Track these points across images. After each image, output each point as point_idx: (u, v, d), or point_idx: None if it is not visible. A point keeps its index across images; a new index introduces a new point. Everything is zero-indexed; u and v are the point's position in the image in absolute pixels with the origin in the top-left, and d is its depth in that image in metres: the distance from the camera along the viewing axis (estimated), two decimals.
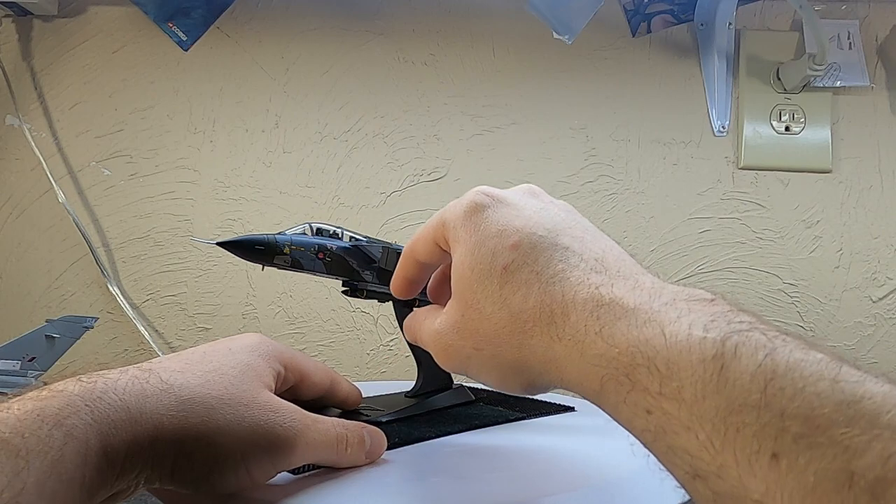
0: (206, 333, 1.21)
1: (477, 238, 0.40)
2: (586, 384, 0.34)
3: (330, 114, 1.23)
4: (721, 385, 0.28)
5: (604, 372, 0.33)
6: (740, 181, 1.21)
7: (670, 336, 0.30)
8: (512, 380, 0.40)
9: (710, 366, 0.28)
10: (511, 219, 0.40)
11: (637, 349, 0.31)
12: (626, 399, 0.32)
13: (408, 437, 0.53)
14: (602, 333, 0.33)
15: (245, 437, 0.38)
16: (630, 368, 0.31)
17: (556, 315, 0.36)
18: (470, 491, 0.43)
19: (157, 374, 0.37)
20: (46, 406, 0.32)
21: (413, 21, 1.24)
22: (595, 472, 0.47)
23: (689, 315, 0.31)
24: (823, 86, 1.18)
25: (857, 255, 1.19)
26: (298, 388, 0.48)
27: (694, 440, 0.28)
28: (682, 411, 0.29)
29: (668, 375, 0.30)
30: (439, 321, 0.42)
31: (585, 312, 0.34)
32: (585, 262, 0.37)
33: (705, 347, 0.29)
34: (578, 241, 0.39)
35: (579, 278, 0.36)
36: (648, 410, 0.30)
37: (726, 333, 0.29)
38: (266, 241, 0.55)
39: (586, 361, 0.34)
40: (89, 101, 1.24)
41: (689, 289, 0.34)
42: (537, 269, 0.37)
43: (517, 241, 0.39)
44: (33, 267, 1.22)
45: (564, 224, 0.40)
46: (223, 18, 1.24)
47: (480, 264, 0.39)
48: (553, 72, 1.23)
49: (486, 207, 0.41)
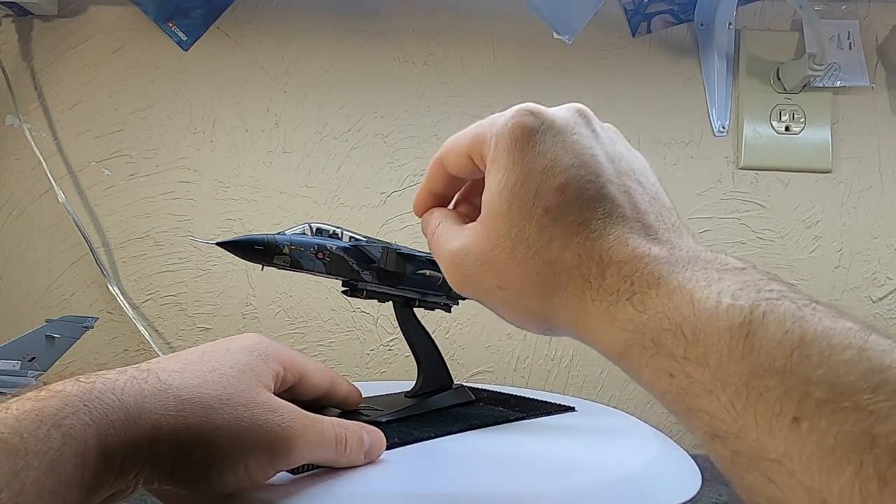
0: (206, 333, 1.21)
1: (520, 171, 0.38)
2: (611, 346, 0.34)
3: (330, 114, 1.23)
4: (746, 351, 0.28)
5: (630, 336, 0.33)
6: (740, 181, 1.21)
7: (698, 303, 0.31)
8: (531, 323, 0.40)
9: (736, 332, 0.29)
10: (560, 154, 0.38)
11: (665, 316, 0.31)
12: (650, 363, 0.32)
13: (407, 437, 0.53)
14: (633, 300, 0.33)
15: (244, 437, 0.37)
16: (656, 333, 0.32)
17: (591, 274, 0.35)
18: (468, 491, 0.43)
19: (156, 375, 0.37)
20: (45, 406, 0.32)
21: (413, 21, 1.24)
22: (595, 472, 0.47)
23: (720, 283, 0.31)
24: (823, 86, 1.18)
25: (857, 255, 1.19)
26: (298, 388, 0.48)
27: (715, 402, 0.29)
28: (705, 375, 0.29)
29: (693, 341, 0.30)
30: (461, 243, 0.41)
31: (620, 276, 0.34)
32: (627, 221, 0.37)
33: (733, 315, 0.29)
34: (624, 193, 0.38)
35: (619, 237, 0.36)
36: (671, 374, 0.31)
37: (755, 301, 0.29)
38: (265, 241, 0.55)
39: (615, 325, 0.34)
40: (89, 101, 1.24)
41: (721, 256, 0.34)
42: (579, 220, 0.37)
43: (563, 184, 0.37)
44: (33, 267, 1.22)
45: (613, 168, 0.39)
46: (223, 18, 1.24)
47: (520, 201, 0.38)
48: (553, 72, 1.23)
49: (534, 133, 0.39)
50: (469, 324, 1.20)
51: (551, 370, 1.20)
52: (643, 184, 0.40)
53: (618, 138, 0.42)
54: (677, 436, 1.17)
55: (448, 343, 1.19)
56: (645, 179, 0.40)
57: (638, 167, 0.41)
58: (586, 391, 1.19)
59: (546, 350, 1.20)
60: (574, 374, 1.20)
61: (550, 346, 1.20)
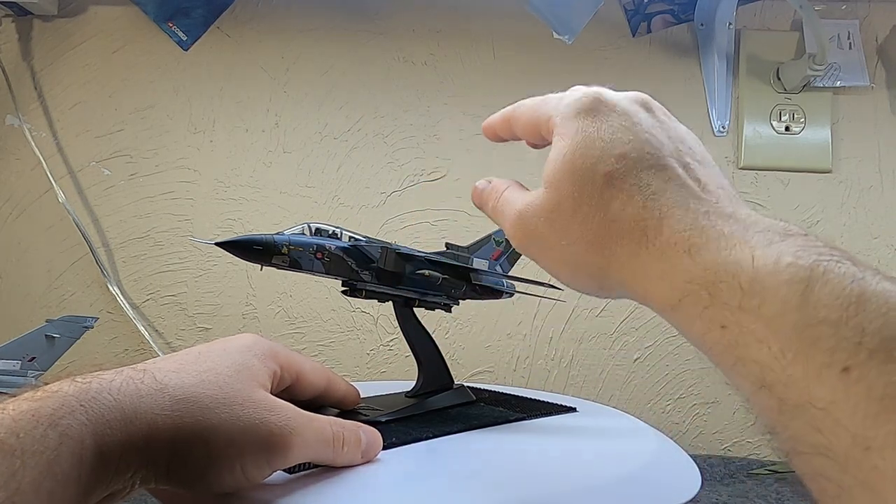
0: (206, 333, 1.21)
1: (583, 138, 0.40)
2: (665, 297, 0.35)
3: (330, 114, 1.23)
4: (803, 303, 0.28)
5: (685, 286, 0.34)
6: (740, 181, 1.21)
7: (758, 258, 0.31)
8: (584, 279, 0.41)
9: (795, 287, 0.29)
10: (620, 130, 0.40)
11: (723, 268, 0.32)
12: (703, 314, 0.33)
13: (405, 438, 0.53)
14: (691, 252, 0.34)
15: (240, 437, 0.37)
16: (712, 285, 0.32)
17: (649, 229, 0.36)
18: (465, 491, 0.43)
19: (152, 375, 0.37)
20: (41, 406, 0.32)
21: (413, 21, 1.24)
22: (595, 472, 0.47)
23: (781, 243, 0.32)
24: (823, 86, 1.18)
25: (857, 255, 1.18)
26: (295, 387, 0.48)
27: (766, 351, 0.29)
28: (758, 324, 0.30)
29: (749, 292, 0.30)
30: (526, 202, 0.43)
31: (678, 231, 0.35)
32: (686, 187, 0.38)
33: (793, 270, 0.30)
34: (683, 166, 0.39)
35: (678, 200, 0.37)
36: (723, 325, 0.31)
37: (815, 261, 0.30)
38: (264, 241, 0.55)
39: (671, 276, 0.35)
40: (89, 101, 1.24)
41: (782, 222, 0.34)
42: (640, 183, 0.38)
43: (624, 152, 0.39)
44: (33, 267, 1.22)
45: (672, 144, 0.41)
46: (223, 18, 1.24)
47: (583, 165, 0.40)
48: (553, 72, 1.23)
49: (598, 112, 0.41)
50: (469, 324, 1.20)
51: (551, 370, 1.20)
52: (703, 163, 0.41)
53: (679, 124, 0.44)
54: (677, 436, 1.17)
55: (448, 343, 1.19)
56: (705, 160, 0.41)
57: (699, 150, 0.42)
58: (586, 391, 1.19)
59: (546, 350, 1.20)
60: (574, 374, 1.20)
61: (550, 346, 1.20)
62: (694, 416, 1.18)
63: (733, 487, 0.97)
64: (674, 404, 1.18)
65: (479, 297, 0.69)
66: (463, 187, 1.22)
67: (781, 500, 0.91)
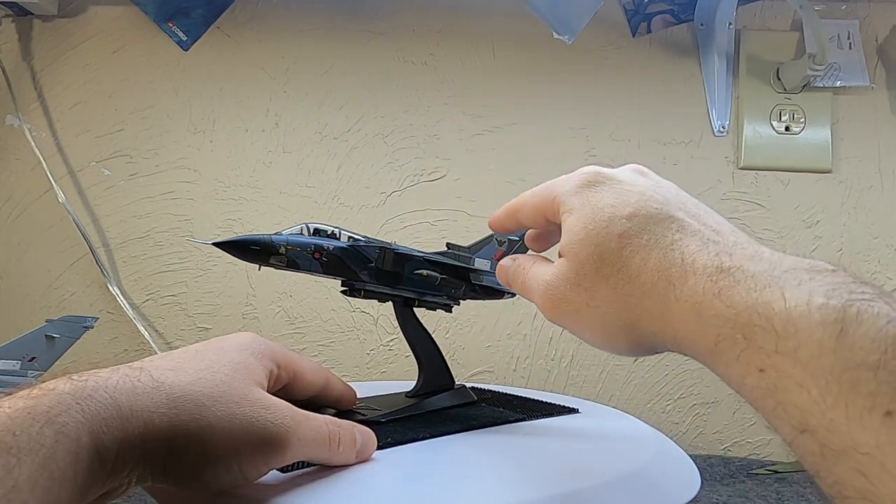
0: (206, 333, 1.21)
1: (592, 206, 0.42)
2: (701, 343, 0.35)
3: (330, 114, 1.24)
4: (839, 346, 0.28)
5: (719, 331, 0.33)
6: (740, 181, 1.21)
7: (790, 300, 0.31)
8: (620, 338, 0.42)
9: (829, 329, 0.29)
10: (625, 193, 0.42)
11: (755, 310, 0.32)
12: (740, 357, 0.32)
13: (402, 437, 0.53)
14: (720, 295, 0.34)
15: (237, 435, 0.37)
16: (747, 328, 0.32)
17: (674, 278, 0.37)
18: (461, 491, 0.43)
19: (149, 373, 0.37)
20: (37, 404, 0.32)
21: (413, 21, 1.24)
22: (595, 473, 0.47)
23: (811, 283, 0.32)
24: (823, 86, 1.18)
25: (857, 255, 1.19)
26: (292, 386, 0.48)
27: (805, 395, 0.29)
28: (796, 369, 0.30)
29: (784, 336, 0.30)
30: (552, 273, 0.44)
31: (704, 276, 0.35)
32: (702, 233, 0.39)
33: (826, 312, 0.30)
34: (692, 216, 0.40)
35: (697, 246, 0.38)
36: (761, 368, 0.31)
37: (848, 301, 0.30)
38: (262, 241, 0.55)
39: (703, 322, 0.34)
40: (89, 101, 1.24)
41: (809, 259, 0.34)
42: (655, 237, 0.39)
43: (633, 212, 0.40)
44: (33, 267, 1.23)
45: (677, 199, 0.42)
46: (223, 18, 1.24)
47: (596, 230, 0.41)
48: (553, 72, 1.23)
49: (600, 184, 0.43)
50: (469, 324, 1.20)
51: (551, 370, 1.20)
52: (709, 213, 0.42)
53: (676, 187, 0.45)
54: (677, 436, 1.17)
55: (448, 343, 1.19)
56: (710, 212, 0.43)
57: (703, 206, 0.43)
58: (586, 391, 1.19)
59: (546, 350, 1.20)
60: (574, 374, 1.20)
61: (550, 346, 1.20)
62: (694, 416, 1.18)
63: (733, 487, 0.97)
64: (674, 404, 1.18)
65: (479, 297, 0.69)
66: (463, 187, 1.22)
67: (781, 500, 0.91)
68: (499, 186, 1.21)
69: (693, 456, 0.56)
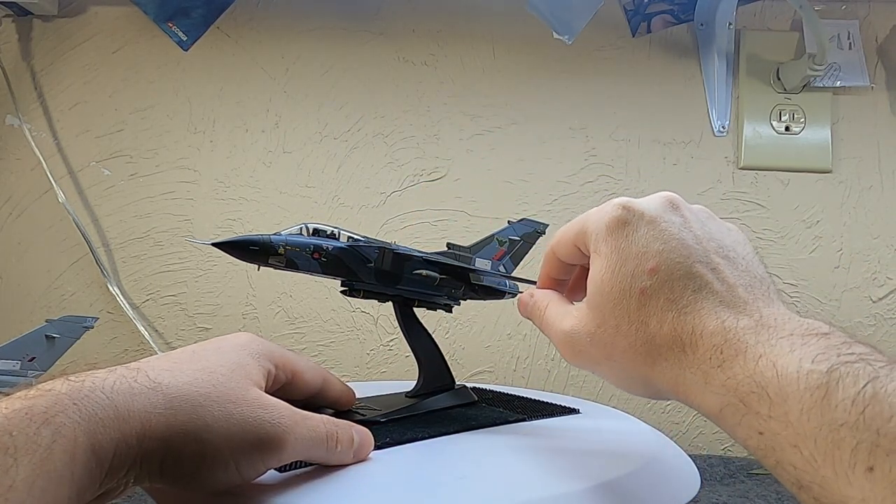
0: (206, 333, 1.21)
1: (618, 257, 0.44)
2: (708, 408, 0.38)
3: (330, 114, 1.24)
4: (824, 409, 0.31)
5: (723, 399, 0.37)
6: (740, 181, 1.21)
7: (781, 368, 0.34)
8: (638, 389, 0.45)
9: (815, 393, 0.32)
10: (651, 241, 0.43)
11: (752, 380, 0.35)
12: (741, 422, 0.36)
13: (401, 438, 0.53)
14: (723, 366, 0.37)
15: (234, 435, 0.37)
16: (745, 395, 0.35)
17: (686, 345, 0.39)
18: (459, 491, 0.43)
19: (145, 373, 0.37)
20: (34, 405, 0.32)
21: (413, 21, 1.24)
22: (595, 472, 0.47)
23: (802, 348, 0.35)
24: (823, 86, 1.18)
25: (857, 255, 1.19)
26: (290, 386, 0.48)
27: (799, 455, 0.32)
28: (788, 431, 0.33)
29: (777, 402, 0.33)
30: (571, 325, 0.46)
31: (711, 346, 0.38)
32: (716, 294, 0.41)
33: (812, 378, 0.32)
34: (712, 270, 0.42)
35: (709, 310, 0.40)
36: (760, 431, 0.34)
37: (833, 365, 0.32)
38: (261, 241, 0.55)
39: (709, 389, 0.38)
40: (89, 101, 1.24)
41: (808, 321, 0.37)
42: (673, 297, 0.41)
43: (655, 266, 0.42)
44: (33, 267, 1.23)
45: (701, 249, 0.43)
46: (223, 18, 1.24)
47: (620, 284, 0.43)
48: (553, 72, 1.23)
49: (627, 224, 0.44)
50: (469, 324, 1.20)
51: (551, 370, 1.20)
52: (733, 259, 0.43)
53: (709, 219, 0.46)
54: (677, 436, 1.17)
55: (448, 343, 1.19)
56: (735, 254, 0.44)
57: (728, 243, 0.45)
58: (586, 391, 1.19)
59: (546, 350, 1.20)
60: (574, 374, 1.20)
61: (550, 347, 1.20)
62: (694, 416, 1.18)
63: (733, 487, 0.97)
64: (674, 404, 1.18)
65: (479, 297, 0.69)
66: (463, 187, 1.22)
67: (781, 501, 0.91)
68: (499, 186, 1.21)
69: (693, 456, 0.56)
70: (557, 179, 1.22)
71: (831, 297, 1.18)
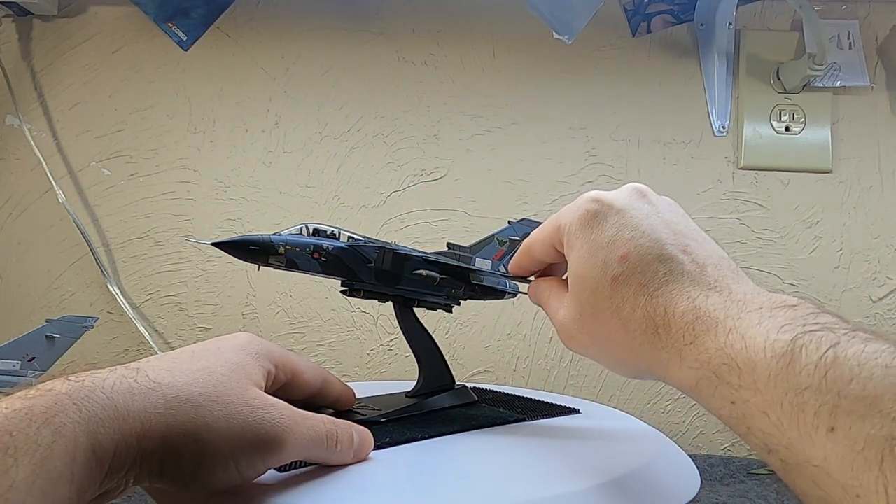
0: (206, 333, 1.21)
1: (590, 247, 0.46)
2: (685, 383, 0.40)
3: (330, 114, 1.24)
4: (788, 375, 0.33)
5: (697, 373, 0.38)
6: (740, 181, 1.21)
7: (749, 339, 0.36)
8: (624, 370, 0.47)
9: (780, 360, 0.34)
10: (621, 229, 0.45)
11: (723, 352, 0.37)
12: (715, 393, 0.37)
13: (400, 438, 0.53)
14: (696, 343, 0.39)
15: (233, 434, 0.38)
16: (717, 368, 0.37)
17: (659, 327, 0.41)
18: (460, 492, 0.43)
19: (145, 373, 0.37)
20: (34, 405, 0.32)
21: (413, 21, 1.24)
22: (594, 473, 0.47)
23: (770, 320, 0.36)
24: (823, 86, 1.18)
25: (857, 255, 1.19)
26: (290, 386, 0.48)
27: (767, 421, 0.34)
28: (757, 398, 0.34)
29: (746, 371, 0.35)
30: (563, 313, 0.49)
31: (683, 325, 0.40)
32: (687, 274, 0.43)
33: (777, 347, 0.34)
34: (683, 251, 0.44)
35: (680, 290, 0.42)
36: (732, 401, 0.36)
37: (798, 334, 0.34)
38: (261, 241, 0.56)
39: (685, 365, 0.39)
40: (89, 101, 1.24)
41: (777, 295, 0.39)
42: (644, 282, 0.43)
43: (626, 253, 0.44)
44: (33, 267, 1.23)
45: (671, 232, 0.45)
46: (223, 18, 1.24)
47: (593, 274, 0.45)
48: (553, 72, 1.23)
49: (598, 214, 0.46)
50: (469, 324, 1.20)
51: (551, 370, 1.20)
52: (699, 241, 0.46)
53: (673, 206, 0.49)
54: (677, 436, 1.17)
55: (448, 343, 1.19)
56: (701, 237, 0.46)
57: (693, 228, 0.47)
58: (586, 391, 1.19)
59: (546, 350, 1.20)
60: (574, 374, 1.20)
61: (550, 346, 1.20)
62: (694, 416, 1.18)
63: (733, 487, 0.97)
64: (674, 404, 1.18)
65: (479, 297, 0.69)
66: (463, 187, 1.22)
67: (781, 501, 0.91)
68: (499, 186, 1.21)
69: (693, 456, 0.56)
70: (557, 179, 1.22)
71: (831, 297, 1.18)
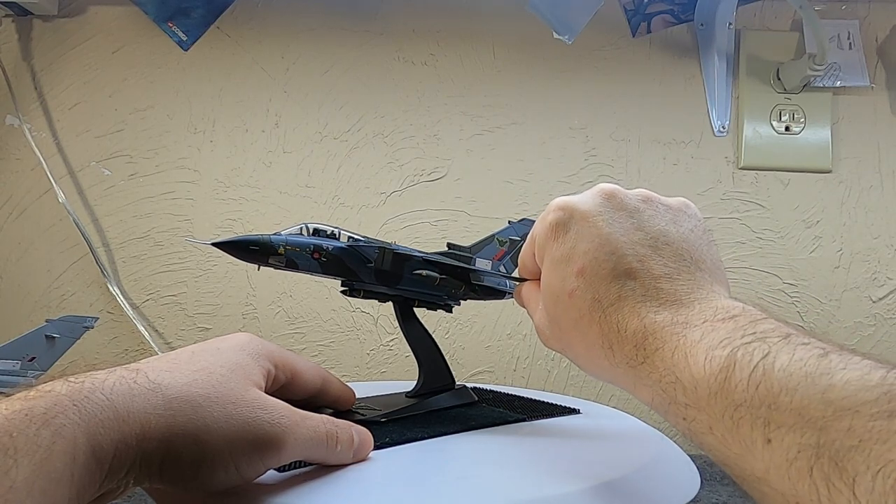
0: (206, 333, 1.21)
1: (551, 260, 0.47)
2: (644, 399, 0.41)
3: (330, 114, 1.23)
4: (727, 391, 0.33)
5: (651, 391, 0.39)
6: (740, 181, 1.21)
7: (691, 356, 0.37)
8: (597, 376, 0.47)
9: (718, 377, 0.34)
10: (579, 240, 0.45)
11: (671, 371, 0.38)
12: (668, 409, 0.38)
13: (401, 438, 0.53)
14: (647, 362, 0.40)
15: (233, 435, 0.38)
16: (667, 386, 0.38)
17: (613, 344, 0.42)
18: (460, 492, 0.43)
19: (145, 374, 0.37)
20: (34, 406, 0.32)
21: (413, 21, 1.24)
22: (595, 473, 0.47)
23: (711, 335, 0.37)
24: (823, 86, 1.18)
25: (857, 255, 1.19)
26: (290, 386, 0.48)
27: (713, 437, 0.34)
28: (703, 415, 0.35)
29: (690, 389, 0.36)
30: (538, 317, 0.51)
31: (634, 344, 0.41)
32: (640, 289, 0.42)
33: (714, 364, 0.35)
34: (639, 262, 0.43)
35: (631, 308, 0.42)
36: (683, 418, 0.37)
37: (734, 348, 0.35)
38: (260, 241, 0.56)
39: (638, 382, 0.40)
40: (89, 101, 1.24)
41: (726, 303, 0.40)
42: (598, 297, 0.43)
43: (581, 267, 0.44)
44: (33, 267, 1.23)
45: (628, 241, 0.44)
46: (223, 18, 1.24)
47: (555, 286, 0.46)
48: (553, 72, 1.23)
49: (559, 225, 0.47)
50: (469, 324, 1.20)
51: (551, 370, 1.20)
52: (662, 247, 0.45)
53: (645, 203, 0.47)
54: (677, 436, 1.17)
55: (448, 343, 1.19)
56: (668, 239, 0.45)
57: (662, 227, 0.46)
58: (586, 391, 1.19)
59: (546, 350, 1.20)
60: (574, 374, 1.20)
61: None
62: None
63: (733, 487, 0.97)
64: None
65: (479, 297, 0.69)
66: (463, 187, 1.22)
67: None
68: (499, 186, 1.21)
69: (693, 456, 0.56)
70: (557, 179, 1.22)
71: (831, 297, 1.18)
